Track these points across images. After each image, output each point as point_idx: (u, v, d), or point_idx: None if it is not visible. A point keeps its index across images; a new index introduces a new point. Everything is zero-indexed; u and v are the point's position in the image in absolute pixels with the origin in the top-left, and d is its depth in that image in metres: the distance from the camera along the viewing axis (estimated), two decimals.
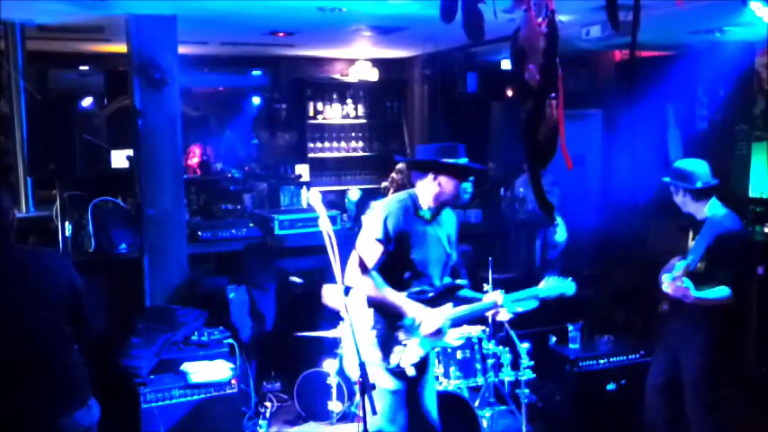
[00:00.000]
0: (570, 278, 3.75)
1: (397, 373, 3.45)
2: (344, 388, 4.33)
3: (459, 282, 3.70)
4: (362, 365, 3.22)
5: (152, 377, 4.30)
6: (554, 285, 3.70)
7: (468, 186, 3.63)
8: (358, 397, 3.67)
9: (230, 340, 4.67)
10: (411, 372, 3.43)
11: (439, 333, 3.48)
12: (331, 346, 4.60)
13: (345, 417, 4.23)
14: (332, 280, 4.49)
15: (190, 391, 4.28)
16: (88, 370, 3.00)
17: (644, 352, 4.83)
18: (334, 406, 3.99)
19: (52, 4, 4.74)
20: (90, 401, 2.95)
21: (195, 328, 4.68)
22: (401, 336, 3.46)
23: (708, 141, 7.35)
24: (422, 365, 3.58)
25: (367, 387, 3.28)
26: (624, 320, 6.36)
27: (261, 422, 4.49)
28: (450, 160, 3.48)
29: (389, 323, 3.45)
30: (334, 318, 4.63)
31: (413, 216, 3.49)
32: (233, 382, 4.41)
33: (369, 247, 3.43)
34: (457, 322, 3.61)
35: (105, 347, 4.36)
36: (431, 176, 3.49)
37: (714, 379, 4.01)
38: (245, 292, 5.16)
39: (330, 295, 4.79)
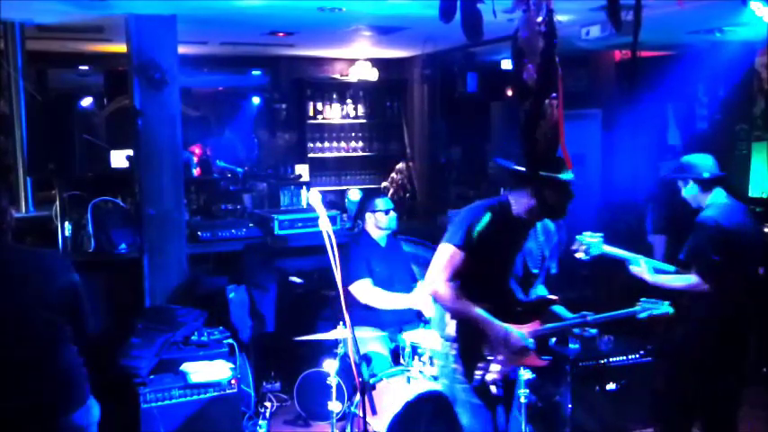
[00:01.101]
0: (668, 302, 3.53)
1: (480, 390, 3.26)
2: (344, 388, 4.33)
3: (550, 297, 3.46)
4: (359, 365, 3.22)
5: (152, 377, 4.29)
6: (653, 307, 3.50)
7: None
8: (358, 397, 3.67)
9: (230, 340, 4.67)
10: (493, 389, 3.23)
11: (524, 352, 3.23)
12: (331, 347, 4.59)
13: (345, 417, 4.22)
14: (356, 277, 4.50)
15: (189, 391, 4.28)
16: (88, 370, 3.00)
17: (644, 352, 4.83)
18: (334, 406, 3.98)
19: (52, 3, 4.74)
20: (89, 401, 2.95)
21: (195, 329, 4.67)
22: (485, 351, 3.24)
23: (708, 141, 7.34)
24: (508, 387, 3.40)
25: (366, 387, 3.29)
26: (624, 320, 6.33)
27: (260, 422, 4.48)
28: (566, 176, 3.12)
29: (472, 336, 3.23)
30: (333, 318, 4.62)
31: (501, 225, 3.21)
32: (233, 382, 4.40)
33: (448, 253, 3.18)
34: (543, 339, 3.38)
35: (105, 347, 4.36)
36: (534, 188, 3.17)
37: (662, 365, 4.02)
38: (245, 292, 5.16)
39: (363, 292, 4.66)
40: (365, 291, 4.67)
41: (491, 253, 3.20)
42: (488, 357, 3.23)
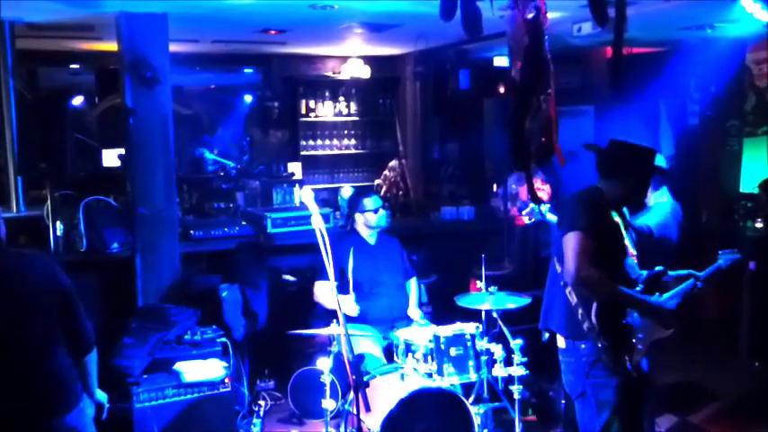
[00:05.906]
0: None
1: (631, 378, 3.29)
2: (338, 386, 4.34)
3: (658, 269, 3.54)
4: (355, 363, 3.22)
5: (145, 377, 4.29)
6: (732, 255, 3.72)
7: None
8: (352, 395, 3.67)
9: (223, 339, 4.66)
10: (633, 374, 3.29)
11: (673, 318, 3.40)
12: (324, 344, 4.59)
13: (339, 414, 4.23)
14: (323, 276, 4.50)
15: (183, 390, 4.28)
16: (83, 369, 2.99)
17: None
18: (328, 404, 3.98)
19: (42, 2, 4.71)
20: (82, 402, 2.95)
21: (188, 327, 4.67)
22: (633, 336, 3.30)
23: (699, 137, 7.37)
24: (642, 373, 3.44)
25: (360, 384, 3.29)
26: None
27: (254, 421, 4.48)
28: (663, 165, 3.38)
29: (618, 323, 3.27)
30: (327, 315, 4.62)
31: (603, 207, 3.38)
32: (226, 380, 4.40)
33: (579, 239, 3.17)
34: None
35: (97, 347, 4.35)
36: (632, 177, 3.47)
37: None
38: (238, 290, 5.15)
39: (322, 292, 4.78)
40: (321, 292, 4.79)
41: (607, 234, 3.30)
42: (637, 342, 3.29)
